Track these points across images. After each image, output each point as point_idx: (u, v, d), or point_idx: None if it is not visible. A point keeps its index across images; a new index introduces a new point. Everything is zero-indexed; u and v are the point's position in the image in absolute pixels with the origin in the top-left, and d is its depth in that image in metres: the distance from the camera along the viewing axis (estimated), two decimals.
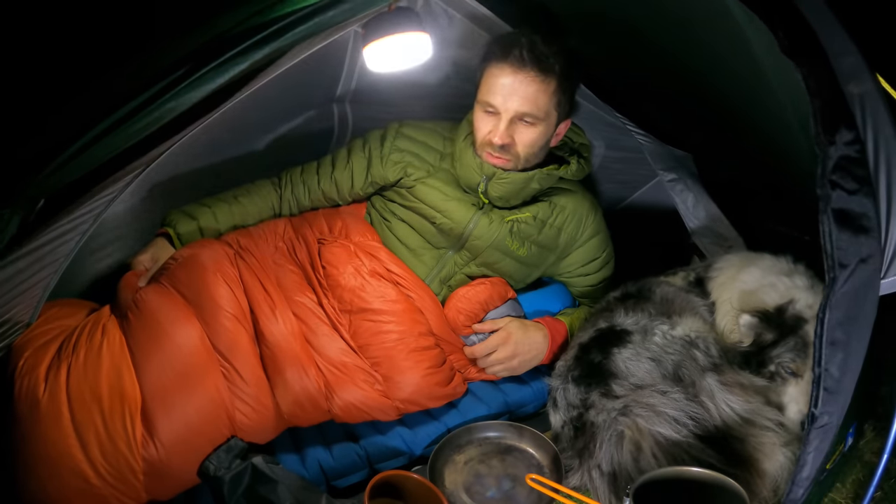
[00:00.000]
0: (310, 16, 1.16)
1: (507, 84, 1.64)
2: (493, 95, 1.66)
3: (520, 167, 1.75)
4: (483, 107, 1.70)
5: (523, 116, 1.67)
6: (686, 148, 2.10)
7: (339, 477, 1.60)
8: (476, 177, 1.76)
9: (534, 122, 1.68)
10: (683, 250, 2.18)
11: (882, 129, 1.17)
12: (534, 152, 1.74)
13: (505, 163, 1.72)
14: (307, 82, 2.00)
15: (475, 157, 1.76)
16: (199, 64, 1.13)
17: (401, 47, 1.65)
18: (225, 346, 1.55)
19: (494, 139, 1.67)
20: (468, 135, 1.79)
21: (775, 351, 1.49)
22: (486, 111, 1.70)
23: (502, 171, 1.73)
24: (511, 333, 1.77)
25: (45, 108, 1.39)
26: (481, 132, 1.72)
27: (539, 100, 1.65)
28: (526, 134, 1.69)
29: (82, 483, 1.38)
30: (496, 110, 1.67)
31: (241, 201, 1.92)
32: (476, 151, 1.76)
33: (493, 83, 1.66)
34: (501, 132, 1.67)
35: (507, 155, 1.71)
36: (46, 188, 1.17)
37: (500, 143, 1.67)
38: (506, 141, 1.68)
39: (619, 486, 1.39)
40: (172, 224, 1.83)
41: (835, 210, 1.14)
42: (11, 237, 1.16)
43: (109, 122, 1.13)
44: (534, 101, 1.65)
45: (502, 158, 1.72)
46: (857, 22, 1.23)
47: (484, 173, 1.75)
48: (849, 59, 1.18)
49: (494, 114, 1.68)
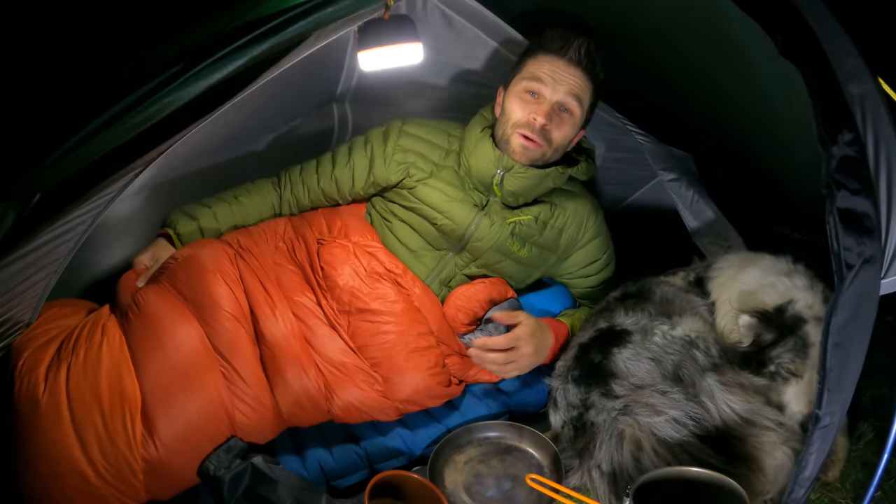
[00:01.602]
0: (308, 12, 1.16)
1: (559, 73, 1.69)
2: (542, 81, 1.70)
3: (546, 159, 1.76)
4: (524, 91, 1.72)
5: (564, 107, 1.71)
6: (686, 148, 2.10)
7: (339, 477, 1.60)
8: (492, 169, 1.75)
9: (571, 117, 1.73)
10: (683, 250, 2.18)
11: (882, 130, 1.17)
12: (563, 145, 1.77)
13: (536, 146, 1.72)
14: (307, 82, 2.00)
15: (494, 149, 1.75)
16: (198, 58, 1.13)
17: (394, 54, 1.67)
18: (225, 345, 1.55)
19: (538, 118, 1.69)
20: (485, 128, 1.80)
21: (775, 351, 1.49)
22: (529, 94, 1.71)
23: (520, 166, 1.73)
24: (533, 331, 1.72)
25: (42, 102, 1.39)
26: (519, 114, 1.72)
27: (581, 97, 1.72)
28: (564, 125, 1.73)
29: (82, 482, 1.38)
30: (541, 95, 1.70)
31: (241, 201, 1.92)
32: (502, 137, 1.76)
33: (545, 69, 1.70)
34: (547, 112, 1.69)
35: (542, 140, 1.72)
36: (44, 182, 1.16)
37: (543, 123, 1.69)
38: (548, 123, 1.70)
39: (619, 486, 1.39)
40: (173, 224, 1.83)
41: (840, 210, 1.14)
42: (7, 232, 1.15)
43: (107, 115, 1.12)
44: (577, 97, 1.71)
45: (536, 142, 1.72)
46: (857, 22, 1.23)
47: (501, 166, 1.74)
48: (849, 59, 1.18)
49: (537, 99, 1.71)
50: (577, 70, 1.69)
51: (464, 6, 1.84)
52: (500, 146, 1.76)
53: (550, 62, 1.70)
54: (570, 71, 1.69)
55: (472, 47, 1.98)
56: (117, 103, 1.13)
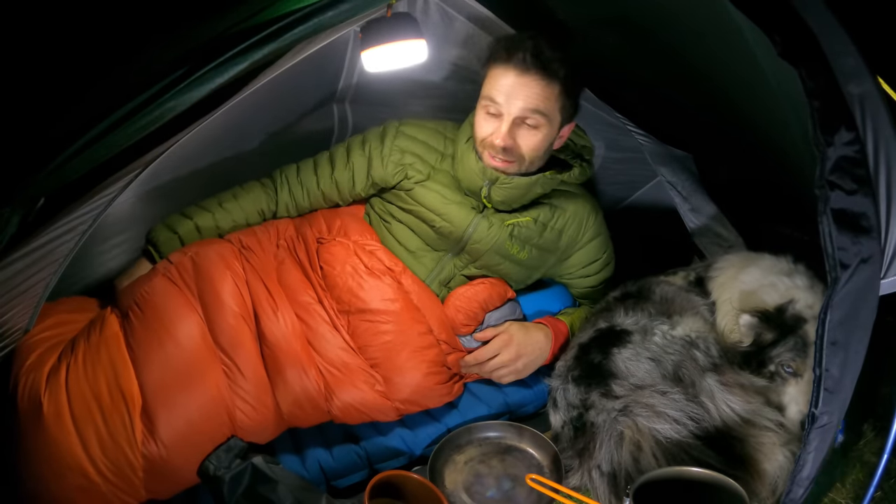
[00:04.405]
0: (309, 16, 1.16)
1: (510, 86, 1.62)
2: (496, 96, 1.64)
3: (523, 170, 1.73)
4: (485, 108, 1.68)
5: (526, 119, 1.65)
6: (686, 148, 2.10)
7: (339, 477, 1.60)
8: (478, 181, 1.73)
9: (536, 126, 1.66)
10: (683, 250, 2.18)
11: (882, 130, 1.16)
12: (538, 155, 1.72)
13: (507, 166, 1.69)
14: (307, 82, 1.99)
15: (478, 161, 1.73)
16: (199, 64, 1.14)
17: (398, 53, 1.65)
18: (228, 342, 1.55)
19: (496, 141, 1.65)
20: (470, 138, 1.76)
21: (775, 350, 1.49)
22: (489, 112, 1.67)
23: (505, 177, 1.70)
24: (513, 335, 1.75)
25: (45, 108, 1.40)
26: (482, 133, 1.69)
27: (542, 103, 1.63)
28: (529, 137, 1.67)
29: (83, 480, 1.38)
30: (499, 112, 1.65)
31: (226, 208, 1.88)
32: (478, 154, 1.74)
33: (497, 84, 1.64)
34: (503, 134, 1.64)
35: (510, 157, 1.68)
36: (47, 187, 1.17)
37: (501, 145, 1.65)
38: (507, 143, 1.65)
39: (619, 486, 1.40)
40: (155, 240, 1.81)
41: (834, 210, 1.14)
42: (11, 236, 1.16)
43: (109, 121, 1.13)
44: (537, 105, 1.63)
45: (505, 161, 1.69)
46: (857, 22, 1.23)
47: (486, 178, 1.72)
48: (848, 59, 1.17)
49: (496, 115, 1.66)
50: (530, 78, 1.60)
51: (463, 5, 1.84)
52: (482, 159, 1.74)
53: (502, 75, 1.63)
54: (522, 81, 1.61)
55: (472, 46, 1.98)
56: (120, 108, 1.14)
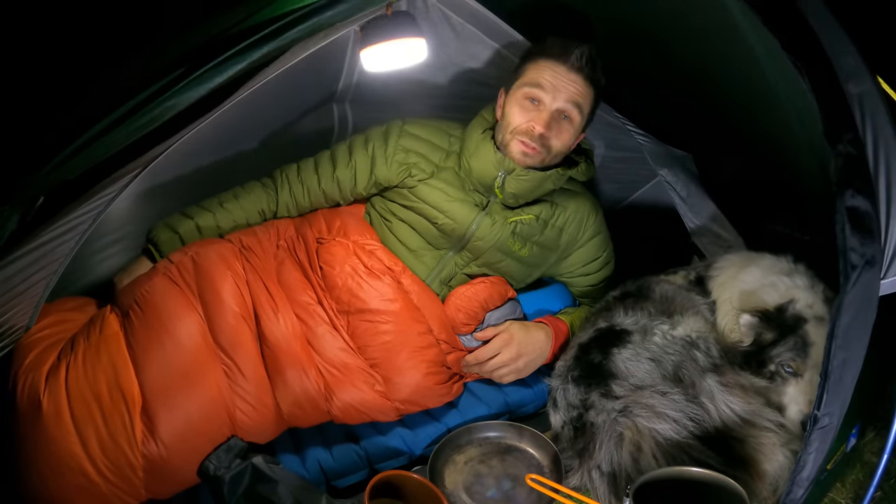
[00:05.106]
0: (308, 16, 1.16)
1: (559, 80, 1.68)
2: (543, 87, 1.69)
3: (545, 163, 1.76)
4: (524, 98, 1.71)
5: (564, 112, 1.70)
6: (686, 148, 2.10)
7: (339, 477, 1.60)
8: (493, 171, 1.75)
9: (570, 124, 1.72)
10: (683, 250, 2.18)
11: (882, 129, 1.16)
12: (562, 151, 1.77)
13: (535, 153, 1.72)
14: (307, 82, 2.00)
15: (496, 151, 1.75)
16: (199, 63, 1.13)
17: (397, 51, 1.66)
18: (228, 342, 1.55)
19: (536, 127, 1.69)
20: (486, 129, 1.79)
21: (775, 350, 1.49)
22: (529, 101, 1.71)
23: (522, 168, 1.73)
24: (513, 335, 1.76)
25: (45, 106, 1.40)
26: (518, 120, 1.72)
27: (581, 104, 1.71)
28: (562, 131, 1.73)
29: (83, 480, 1.38)
30: (542, 102, 1.69)
31: (227, 208, 1.88)
32: (502, 141, 1.76)
33: (546, 75, 1.69)
34: (545, 121, 1.69)
35: (541, 147, 1.72)
36: (46, 185, 1.17)
37: (540, 132, 1.69)
38: (546, 131, 1.70)
39: (619, 486, 1.39)
40: (155, 240, 1.81)
41: (848, 208, 1.14)
42: (11, 234, 1.16)
43: (109, 120, 1.13)
44: (577, 104, 1.70)
45: (534, 149, 1.71)
46: (857, 22, 1.23)
47: (503, 168, 1.74)
48: (848, 59, 1.17)
49: (537, 104, 1.70)
50: (578, 76, 1.68)
51: (462, 5, 1.84)
52: (501, 149, 1.76)
53: (551, 68, 1.69)
54: (570, 77, 1.68)
55: (472, 46, 1.98)
56: (120, 107, 1.14)
